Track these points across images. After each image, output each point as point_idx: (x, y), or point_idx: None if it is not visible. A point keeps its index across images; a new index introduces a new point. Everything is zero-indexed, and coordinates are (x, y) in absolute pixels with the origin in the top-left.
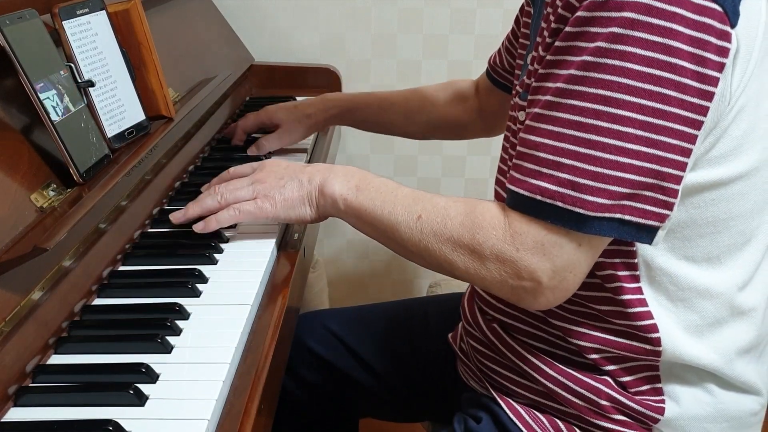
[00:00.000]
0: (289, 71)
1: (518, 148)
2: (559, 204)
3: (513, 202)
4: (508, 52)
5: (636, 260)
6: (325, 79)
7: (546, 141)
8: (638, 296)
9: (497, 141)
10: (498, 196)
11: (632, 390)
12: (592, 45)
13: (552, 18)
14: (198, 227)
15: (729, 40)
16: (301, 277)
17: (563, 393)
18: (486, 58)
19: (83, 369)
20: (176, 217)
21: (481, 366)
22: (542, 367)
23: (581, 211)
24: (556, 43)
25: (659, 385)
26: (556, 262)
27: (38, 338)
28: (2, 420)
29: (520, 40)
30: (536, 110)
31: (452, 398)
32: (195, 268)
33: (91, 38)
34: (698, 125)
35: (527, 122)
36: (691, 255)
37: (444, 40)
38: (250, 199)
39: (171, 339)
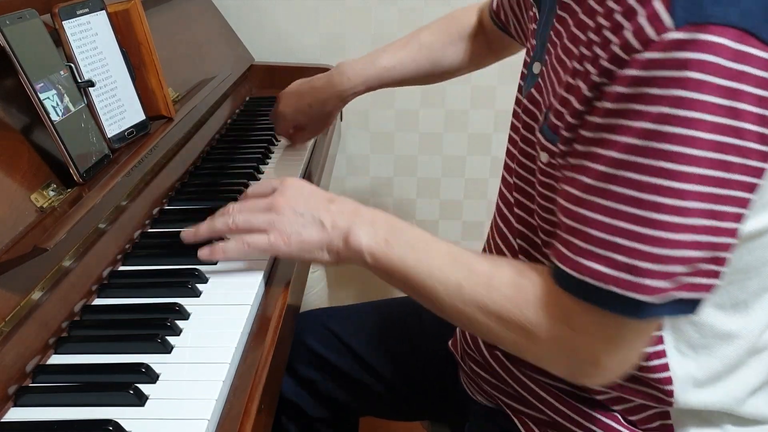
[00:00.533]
0: (289, 71)
1: (564, 219)
2: (614, 289)
3: (562, 281)
4: (513, 12)
5: None
6: None
7: (599, 217)
8: (657, 348)
9: (498, 141)
10: (515, 202)
11: (642, 427)
12: (652, 110)
13: (590, 68)
14: (203, 254)
15: None
16: (301, 276)
17: (570, 426)
18: None
19: (83, 369)
20: (187, 235)
21: (486, 386)
22: (548, 399)
23: (640, 297)
24: (606, 104)
25: (669, 422)
26: (619, 343)
27: (38, 338)
28: (2, 420)
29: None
30: (586, 180)
31: (453, 400)
32: (195, 268)
33: (91, 38)
34: (755, 188)
35: (573, 192)
36: (720, 302)
37: None
38: (263, 230)
39: (171, 339)
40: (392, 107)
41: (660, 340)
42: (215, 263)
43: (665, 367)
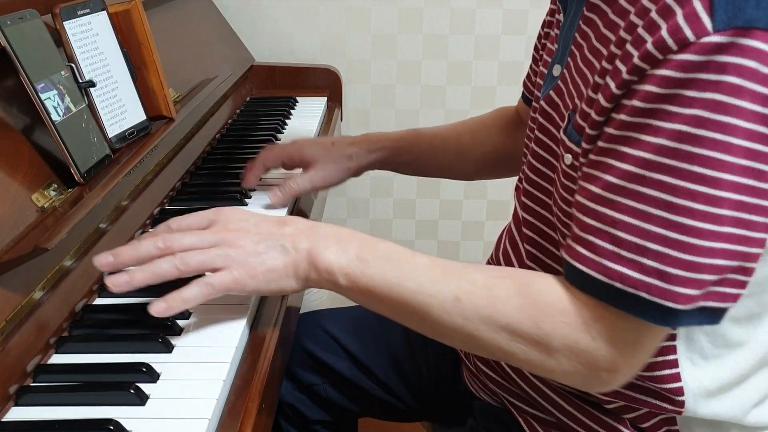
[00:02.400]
0: (290, 71)
1: (585, 218)
2: (644, 295)
3: (582, 284)
4: (535, 65)
5: None
6: (325, 79)
7: (628, 219)
8: (669, 357)
9: None
10: (522, 205)
11: None
12: (687, 112)
13: (620, 65)
14: (157, 310)
15: None
16: None
17: (577, 428)
18: (486, 58)
19: (84, 368)
20: (116, 283)
21: (491, 385)
22: (556, 400)
23: (671, 305)
24: (635, 103)
25: (675, 428)
26: (638, 351)
27: (39, 338)
28: (3, 419)
29: (540, 51)
30: (611, 179)
31: (453, 400)
32: None
33: (92, 38)
34: None
35: (596, 190)
36: (735, 315)
37: (444, 40)
38: (219, 268)
39: (172, 338)
40: (393, 107)
41: (673, 350)
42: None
43: (677, 377)
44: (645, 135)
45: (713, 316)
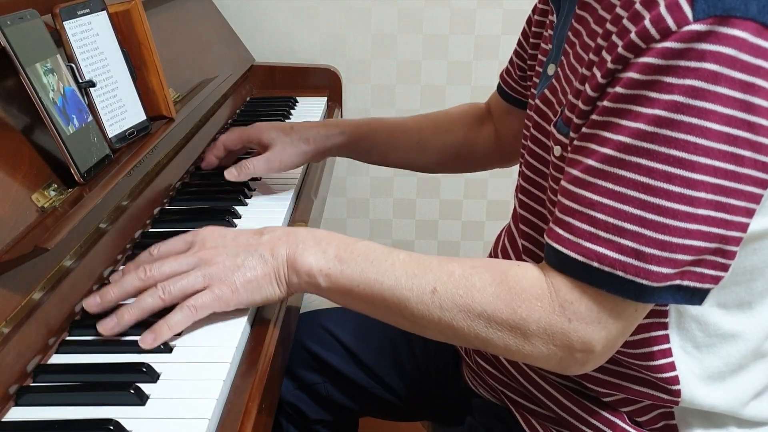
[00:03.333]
0: (290, 71)
1: (565, 201)
2: (620, 273)
3: (560, 264)
4: (519, 59)
5: (667, 307)
6: (325, 79)
7: (606, 201)
8: (663, 346)
9: None
10: (519, 202)
11: (648, 427)
12: (666, 98)
13: (606, 56)
14: (146, 342)
15: None
16: None
17: (576, 423)
18: (486, 58)
19: (84, 368)
20: (107, 328)
21: (491, 380)
22: (555, 395)
23: (645, 282)
24: (618, 90)
25: (673, 422)
26: (611, 329)
27: (39, 338)
28: (3, 419)
29: (531, 51)
30: (592, 163)
31: (453, 399)
32: None
33: (92, 38)
34: (765, 184)
35: (577, 174)
36: (724, 302)
37: (444, 40)
38: (201, 289)
39: (171, 338)
40: (393, 107)
41: (666, 339)
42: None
43: (672, 366)
44: (625, 120)
45: (692, 296)
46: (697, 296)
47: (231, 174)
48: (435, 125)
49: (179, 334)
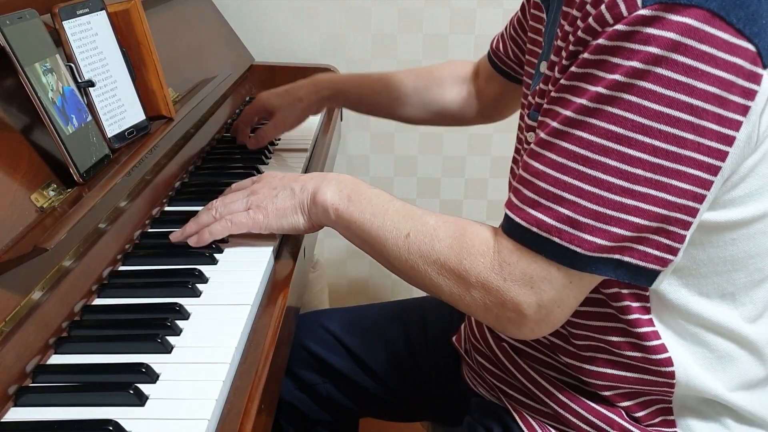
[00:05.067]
0: (289, 71)
1: (520, 171)
2: (556, 239)
3: (508, 228)
4: (513, 41)
5: (647, 293)
6: None
7: (548, 171)
8: (652, 328)
9: (497, 141)
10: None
11: (645, 423)
12: (609, 77)
13: (571, 39)
14: (192, 241)
15: (758, 82)
16: (301, 276)
17: (574, 420)
18: None
19: (83, 369)
20: (175, 236)
21: (490, 378)
22: (554, 392)
23: (578, 249)
24: (572, 69)
25: (672, 418)
26: (543, 296)
27: (38, 338)
28: (2, 420)
29: (528, 45)
30: (542, 135)
31: (453, 399)
32: (195, 268)
33: (92, 38)
34: (715, 170)
35: (532, 146)
36: (705, 291)
37: (444, 40)
38: (243, 211)
39: (171, 339)
40: None
41: (652, 323)
42: (215, 263)
43: (664, 348)
44: (572, 96)
45: (637, 274)
46: (642, 275)
47: (253, 144)
48: (416, 84)
49: (179, 334)
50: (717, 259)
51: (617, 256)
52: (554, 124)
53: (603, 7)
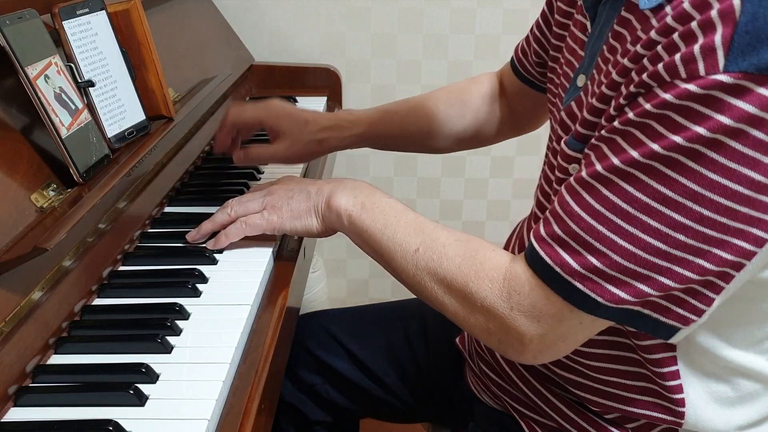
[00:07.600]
0: (289, 71)
1: (555, 203)
2: (577, 285)
3: (531, 258)
4: (539, 47)
5: None
6: (325, 79)
7: (583, 215)
8: (674, 367)
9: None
10: (537, 202)
11: None
12: (670, 137)
13: (634, 78)
14: (209, 244)
15: None
16: (301, 277)
17: None
18: (486, 58)
19: (83, 369)
20: (191, 235)
21: (494, 388)
22: (559, 406)
23: (599, 299)
24: (630, 115)
25: None
26: (548, 330)
27: (38, 338)
28: (2, 420)
29: (553, 52)
30: (584, 174)
31: (454, 400)
32: (195, 268)
33: (91, 38)
34: (762, 242)
35: (571, 181)
36: (736, 339)
37: (444, 40)
38: (258, 211)
39: (171, 339)
40: None
41: (674, 361)
42: (215, 263)
43: (680, 389)
44: (625, 143)
45: (656, 328)
46: (661, 329)
47: (239, 158)
48: (447, 113)
49: (179, 335)
50: (753, 310)
51: (638, 309)
52: (599, 167)
53: (678, 57)
